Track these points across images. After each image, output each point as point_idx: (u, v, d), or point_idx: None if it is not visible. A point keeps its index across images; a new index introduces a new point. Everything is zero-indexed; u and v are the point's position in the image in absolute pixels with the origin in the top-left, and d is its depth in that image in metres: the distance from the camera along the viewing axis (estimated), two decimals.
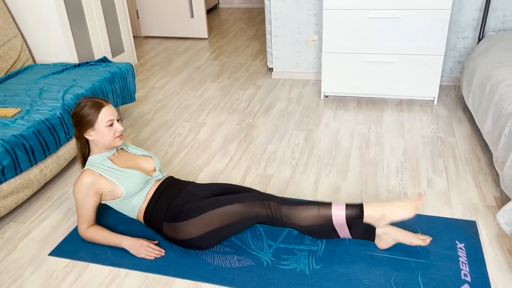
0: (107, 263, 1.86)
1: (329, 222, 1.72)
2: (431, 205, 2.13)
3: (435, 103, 3.19)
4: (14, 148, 2.05)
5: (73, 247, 1.96)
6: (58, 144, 2.33)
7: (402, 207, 1.68)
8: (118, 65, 2.94)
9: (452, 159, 2.50)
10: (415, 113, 3.07)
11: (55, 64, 3.03)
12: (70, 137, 2.43)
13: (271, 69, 3.92)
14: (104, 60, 3.05)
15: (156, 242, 1.95)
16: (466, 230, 1.95)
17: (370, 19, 2.99)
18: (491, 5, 3.16)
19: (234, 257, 1.86)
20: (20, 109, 2.33)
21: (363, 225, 1.84)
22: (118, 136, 1.90)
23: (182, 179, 2.27)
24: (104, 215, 2.15)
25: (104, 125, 1.84)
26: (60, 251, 1.95)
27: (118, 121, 1.90)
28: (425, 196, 1.65)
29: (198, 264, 1.83)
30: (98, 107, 1.85)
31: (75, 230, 2.05)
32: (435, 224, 1.99)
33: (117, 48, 3.83)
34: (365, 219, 1.70)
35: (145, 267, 1.83)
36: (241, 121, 3.10)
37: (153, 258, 1.87)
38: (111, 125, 1.87)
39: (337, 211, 1.70)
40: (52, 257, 1.92)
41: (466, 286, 1.66)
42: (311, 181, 2.37)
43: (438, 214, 2.07)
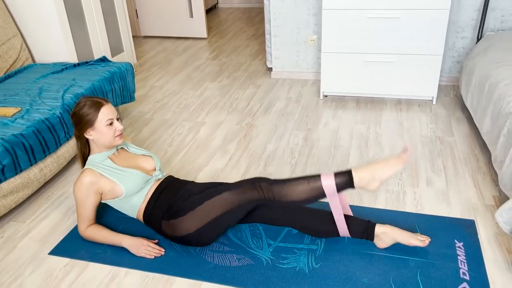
0: (107, 262, 1.86)
1: (321, 193, 1.72)
2: (430, 204, 2.14)
3: (434, 103, 3.19)
4: (14, 148, 2.05)
5: (73, 246, 1.96)
6: (58, 144, 2.34)
7: (389, 164, 1.68)
8: (118, 65, 2.94)
9: (451, 159, 2.51)
10: (414, 113, 3.08)
11: (55, 64, 3.03)
12: (70, 137, 2.44)
13: (271, 69, 3.93)
14: (104, 60, 3.05)
15: (156, 241, 1.95)
16: (465, 229, 1.96)
17: (369, 19, 3.00)
18: (490, 5, 3.17)
19: (234, 256, 1.87)
20: (20, 109, 2.33)
21: (362, 225, 1.85)
22: (118, 135, 1.90)
23: (182, 178, 2.28)
24: (104, 214, 2.15)
25: (104, 124, 1.85)
26: (60, 250, 1.95)
27: (118, 120, 1.91)
28: (410, 148, 1.66)
29: (198, 263, 1.84)
30: (98, 107, 1.85)
31: (75, 229, 2.06)
32: (434, 223, 2.00)
33: (117, 48, 3.84)
34: (356, 184, 1.69)
35: (145, 266, 1.83)
36: (241, 121, 3.10)
37: (153, 257, 1.87)
38: (111, 124, 1.87)
39: (327, 182, 1.70)
40: (52, 256, 1.92)
41: (465, 285, 1.67)
42: None
43: (437, 213, 2.08)
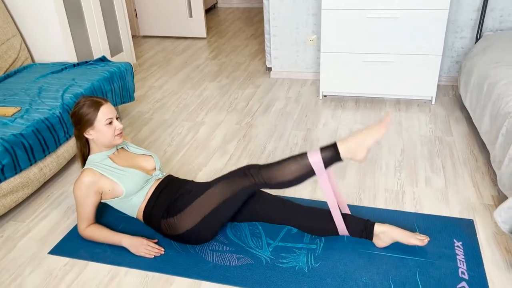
0: (107, 262, 1.87)
1: (310, 171, 1.73)
2: (429, 204, 2.15)
3: (433, 103, 3.20)
4: (14, 147, 2.06)
5: (73, 246, 1.96)
6: (58, 143, 2.34)
7: (372, 130, 1.70)
8: (117, 65, 2.94)
9: (450, 158, 2.52)
10: (413, 113, 3.08)
11: (54, 64, 3.03)
12: (70, 136, 2.44)
13: (270, 69, 3.93)
14: (103, 60, 3.06)
15: (156, 241, 1.95)
16: (464, 229, 1.96)
17: (368, 19, 3.00)
18: (489, 5, 3.17)
19: (233, 255, 1.87)
20: (20, 108, 2.33)
21: (361, 223, 1.85)
22: (118, 134, 1.90)
23: (181, 178, 2.28)
24: (104, 214, 2.15)
25: (104, 124, 1.85)
26: (60, 250, 1.95)
27: (117, 120, 1.91)
28: (390, 114, 1.67)
29: (198, 263, 1.84)
30: (97, 106, 1.85)
31: (75, 229, 2.06)
32: (433, 223, 2.01)
33: (116, 48, 3.84)
34: (343, 156, 1.71)
35: (145, 266, 1.84)
36: (240, 120, 3.11)
37: (153, 257, 1.88)
38: (110, 123, 1.87)
39: (314, 158, 1.71)
40: (52, 256, 1.92)
41: (464, 284, 1.68)
42: (310, 180, 2.38)
43: (436, 213, 2.08)
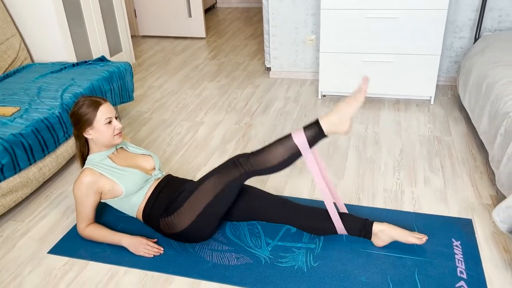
0: (106, 261, 1.87)
1: (296, 151, 1.73)
2: (428, 204, 2.15)
3: (432, 103, 3.21)
4: (13, 147, 2.06)
5: (72, 245, 1.97)
6: (57, 143, 2.34)
7: (350, 100, 1.70)
8: (117, 64, 2.95)
9: (449, 158, 2.52)
10: (412, 113, 3.09)
11: (53, 63, 3.03)
12: (69, 136, 2.44)
13: (269, 69, 3.93)
14: (102, 59, 3.06)
15: (155, 240, 1.96)
16: (462, 228, 1.97)
17: (368, 19, 3.01)
18: (487, 5, 3.18)
19: (233, 255, 1.87)
20: (19, 108, 2.34)
21: (360, 222, 1.86)
22: (117, 134, 1.90)
23: (181, 177, 2.28)
24: (103, 214, 2.16)
25: (103, 123, 1.85)
26: (59, 249, 1.95)
27: (117, 119, 1.91)
28: (368, 79, 1.66)
29: (197, 262, 1.84)
30: (96, 106, 1.86)
31: (74, 228, 2.06)
32: (432, 222, 2.01)
33: (115, 48, 3.84)
34: (327, 131, 1.71)
35: (144, 265, 1.84)
36: (239, 120, 3.11)
37: (152, 256, 1.88)
38: (110, 123, 1.88)
39: (298, 138, 1.72)
40: (51, 255, 1.93)
41: (462, 283, 1.68)
42: (309, 180, 2.39)
43: (435, 212, 2.09)
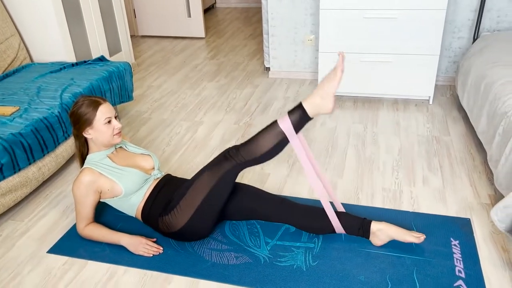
0: (106, 261, 1.87)
1: (284, 138, 1.74)
2: (427, 203, 2.16)
3: (431, 103, 3.21)
4: (13, 146, 2.06)
5: (72, 245, 1.97)
6: (56, 143, 2.34)
7: (330, 78, 1.70)
8: (116, 64, 2.95)
9: (447, 158, 2.53)
10: (411, 113, 3.10)
11: (53, 63, 3.03)
12: (68, 136, 2.44)
13: (268, 69, 3.94)
14: (102, 59, 3.06)
15: (154, 240, 1.96)
16: (461, 228, 1.97)
17: (366, 19, 3.01)
18: (486, 6, 3.19)
19: (232, 254, 1.88)
20: (18, 108, 2.34)
21: (357, 221, 1.87)
22: (117, 134, 1.91)
23: (180, 177, 2.28)
24: (103, 213, 2.16)
25: (102, 123, 1.86)
26: (59, 249, 1.96)
27: (116, 119, 1.92)
28: (343, 54, 1.67)
29: (196, 261, 1.85)
30: (96, 105, 1.86)
31: (74, 228, 2.07)
32: (430, 222, 2.02)
33: (115, 47, 3.84)
34: (311, 113, 1.72)
35: (144, 264, 1.84)
36: (238, 120, 3.11)
37: (151, 255, 1.88)
38: (109, 123, 1.88)
39: (284, 124, 1.73)
40: (51, 255, 1.93)
41: (461, 282, 1.69)
42: (308, 181, 2.39)
43: (433, 212, 2.09)
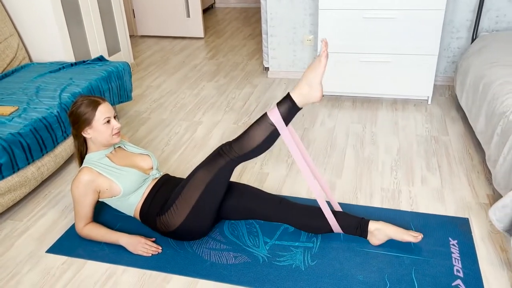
0: (105, 260, 1.87)
1: (274, 130, 1.75)
2: (425, 203, 2.16)
3: (429, 103, 3.22)
4: (12, 146, 2.06)
5: (70, 245, 1.97)
6: (55, 142, 2.35)
7: (314, 66, 1.70)
8: (115, 64, 2.95)
9: (446, 158, 2.53)
10: (410, 112, 3.10)
11: (52, 63, 3.03)
12: (67, 136, 2.44)
13: (267, 69, 3.94)
14: (101, 59, 3.06)
15: (153, 239, 1.96)
16: (459, 227, 1.98)
17: (365, 19, 3.02)
18: (485, 6, 3.19)
19: (230, 254, 1.88)
20: (17, 108, 2.34)
21: (355, 221, 1.87)
22: (116, 133, 1.91)
23: (178, 177, 2.29)
24: (102, 213, 2.16)
25: (101, 123, 1.86)
26: (58, 249, 1.96)
27: (115, 118, 1.92)
28: (326, 41, 1.67)
29: (195, 261, 1.85)
30: (95, 105, 1.86)
31: (72, 228, 2.07)
32: (429, 221, 2.02)
33: (114, 47, 3.84)
34: (299, 103, 1.73)
35: (142, 264, 1.84)
36: (238, 120, 3.12)
37: (150, 255, 1.88)
38: (108, 122, 1.88)
39: (273, 116, 1.74)
40: (50, 254, 1.93)
41: (459, 282, 1.69)
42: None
43: (432, 211, 2.10)
